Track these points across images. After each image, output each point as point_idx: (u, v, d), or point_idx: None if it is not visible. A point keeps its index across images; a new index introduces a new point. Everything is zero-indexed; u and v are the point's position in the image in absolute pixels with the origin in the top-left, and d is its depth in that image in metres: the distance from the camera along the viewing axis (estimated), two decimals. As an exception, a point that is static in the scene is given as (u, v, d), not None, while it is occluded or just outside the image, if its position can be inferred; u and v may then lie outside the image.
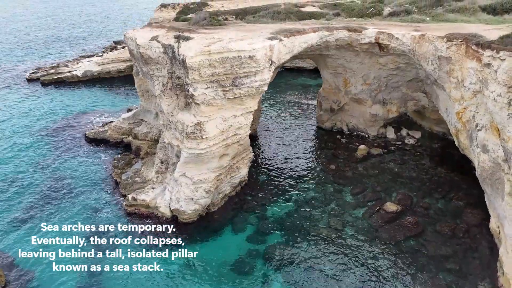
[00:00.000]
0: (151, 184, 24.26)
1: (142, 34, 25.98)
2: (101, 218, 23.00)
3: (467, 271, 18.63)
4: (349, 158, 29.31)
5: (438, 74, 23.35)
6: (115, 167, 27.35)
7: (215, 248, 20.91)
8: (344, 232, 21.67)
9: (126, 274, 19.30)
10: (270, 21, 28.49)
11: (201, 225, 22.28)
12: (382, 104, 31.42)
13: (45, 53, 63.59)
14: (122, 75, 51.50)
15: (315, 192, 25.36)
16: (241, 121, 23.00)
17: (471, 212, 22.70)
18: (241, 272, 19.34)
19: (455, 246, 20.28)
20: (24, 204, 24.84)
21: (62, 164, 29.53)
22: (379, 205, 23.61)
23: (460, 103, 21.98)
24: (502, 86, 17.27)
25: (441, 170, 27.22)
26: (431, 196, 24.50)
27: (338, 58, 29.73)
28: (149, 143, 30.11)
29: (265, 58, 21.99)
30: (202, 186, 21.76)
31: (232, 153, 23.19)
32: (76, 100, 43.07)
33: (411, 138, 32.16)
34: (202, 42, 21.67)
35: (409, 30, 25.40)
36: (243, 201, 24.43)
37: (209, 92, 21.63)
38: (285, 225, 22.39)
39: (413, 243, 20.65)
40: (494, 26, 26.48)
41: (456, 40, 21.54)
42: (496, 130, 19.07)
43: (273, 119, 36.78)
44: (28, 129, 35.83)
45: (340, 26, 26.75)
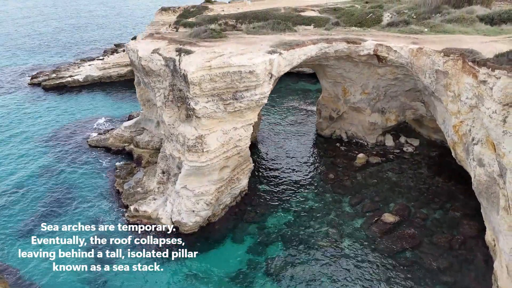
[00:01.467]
0: (153, 195, 24.64)
1: (144, 46, 26.29)
2: (103, 230, 23.36)
3: (462, 284, 19.05)
4: (348, 166, 29.68)
5: (435, 87, 23.70)
6: (117, 177, 27.71)
7: (216, 260, 21.32)
8: (342, 243, 22.06)
9: (129, 285, 19.76)
10: (270, 31, 28.76)
11: (202, 236, 22.69)
12: (380, 113, 31.77)
13: (45, 56, 63.77)
14: (123, 79, 51.78)
15: (314, 202, 25.74)
16: (242, 133, 23.37)
17: (467, 223, 23.09)
18: (241, 285, 19.74)
19: (451, 258, 20.68)
20: (27, 215, 25.23)
21: (64, 172, 29.88)
22: (377, 215, 24.00)
23: (457, 117, 22.33)
24: (497, 104, 17.62)
25: (438, 180, 27.60)
26: (429, 206, 24.89)
27: (337, 68, 30.06)
28: (150, 151, 30.48)
29: (265, 72, 22.34)
30: (203, 198, 22.14)
31: (233, 165, 23.57)
32: (77, 106, 43.38)
33: (409, 146, 32.54)
34: (203, 57, 22.00)
35: (407, 42, 25.72)
36: (243, 212, 24.83)
37: (210, 106, 21.99)
38: (284, 236, 22.79)
39: (410, 255, 21.06)
40: (492, 37, 26.82)
41: (453, 55, 21.88)
42: (492, 145, 19.43)
43: (273, 126, 37.11)
44: (30, 136, 36.14)
45: (339, 37, 27.05)
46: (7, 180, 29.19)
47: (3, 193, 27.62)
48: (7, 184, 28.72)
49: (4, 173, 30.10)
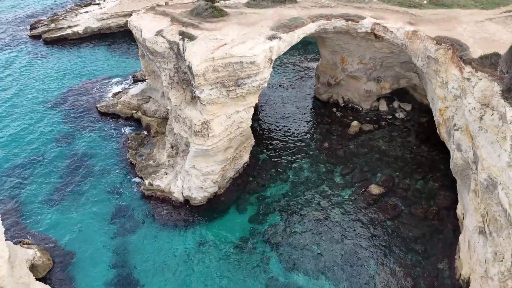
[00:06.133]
0: (164, 168, 27.36)
1: (147, 24, 27.04)
2: (122, 200, 26.51)
3: (431, 253, 22.56)
4: (342, 134, 31.91)
5: (426, 70, 25.06)
6: (129, 148, 30.15)
7: (222, 228, 24.74)
8: (331, 214, 25.29)
9: (148, 250, 23.45)
10: (271, 4, 28.98)
11: (210, 207, 25.90)
12: (376, 81, 33.15)
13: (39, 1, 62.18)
14: (122, 29, 51.40)
15: (309, 172, 28.51)
16: (243, 115, 25.32)
17: (443, 194, 26.09)
18: (244, 251, 23.34)
19: (425, 228, 24.01)
20: (50, 186, 28.00)
21: (79, 140, 32.24)
22: (364, 187, 26.93)
23: (443, 102, 24.11)
24: (476, 102, 19.45)
25: (424, 149, 30.07)
26: (412, 176, 27.70)
27: (336, 40, 30.83)
28: (157, 120, 32.54)
29: (265, 60, 23.60)
30: (210, 177, 24.89)
31: (236, 145, 25.91)
32: (81, 64, 44.03)
33: (401, 112, 34.42)
34: (206, 46, 23.13)
35: (404, 21, 26.36)
36: (246, 182, 27.75)
37: (214, 93, 23.66)
38: (282, 206, 25.97)
39: (390, 225, 24.39)
40: (488, 12, 27.37)
41: (444, 45, 22.98)
42: (469, 134, 21.59)
43: (272, 89, 38.20)
44: (39, 98, 37.68)
45: (338, 14, 27.51)
46: (27, 148, 31.65)
47: (26, 162, 30.25)
48: (29, 152, 31.25)
49: (22, 141, 32.33)
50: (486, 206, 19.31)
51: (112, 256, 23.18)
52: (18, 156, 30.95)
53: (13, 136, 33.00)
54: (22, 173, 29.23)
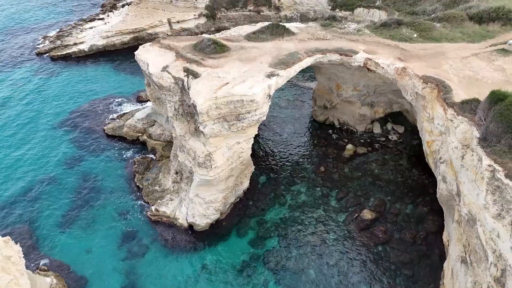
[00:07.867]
0: (169, 194, 29.11)
1: (153, 58, 28.66)
2: (130, 224, 28.27)
3: (418, 277, 24.32)
4: (337, 157, 33.63)
5: (415, 104, 26.76)
6: (136, 172, 31.89)
7: (224, 252, 26.49)
8: (327, 238, 27.03)
9: (156, 274, 25.21)
10: (270, 37, 30.62)
11: (212, 232, 27.65)
12: (370, 106, 34.88)
13: (44, 15, 63.77)
14: (126, 47, 53.33)
15: (306, 196, 30.26)
16: (244, 146, 27.04)
17: (432, 219, 27.82)
18: (245, 274, 25.09)
19: (413, 253, 25.75)
20: (60, 211, 29.64)
21: (88, 163, 33.97)
22: (357, 212, 28.67)
23: (429, 135, 25.82)
24: (458, 142, 21.14)
25: (415, 172, 31.81)
26: (402, 201, 29.43)
27: (331, 69, 32.52)
28: (162, 144, 34.27)
29: (264, 97, 25.28)
30: (212, 205, 26.65)
31: (237, 173, 27.65)
32: (87, 82, 45.83)
33: (394, 134, 36.13)
34: (210, 85, 24.81)
35: (394, 56, 27.97)
36: (246, 207, 29.50)
37: (216, 127, 25.37)
38: (280, 230, 27.72)
39: (381, 250, 26.14)
40: (475, 46, 28.99)
41: (430, 84, 24.63)
42: (454, 169, 23.28)
43: (270, 109, 39.73)
44: (47, 119, 39.49)
45: (332, 48, 29.14)
46: (37, 169, 33.38)
47: (37, 183, 31.99)
48: (40, 173, 32.99)
49: (32, 161, 34.12)
50: (467, 237, 21.01)
51: (122, 280, 24.91)
52: (27, 179, 32.61)
53: (21, 158, 34.69)
54: (33, 197, 30.96)
